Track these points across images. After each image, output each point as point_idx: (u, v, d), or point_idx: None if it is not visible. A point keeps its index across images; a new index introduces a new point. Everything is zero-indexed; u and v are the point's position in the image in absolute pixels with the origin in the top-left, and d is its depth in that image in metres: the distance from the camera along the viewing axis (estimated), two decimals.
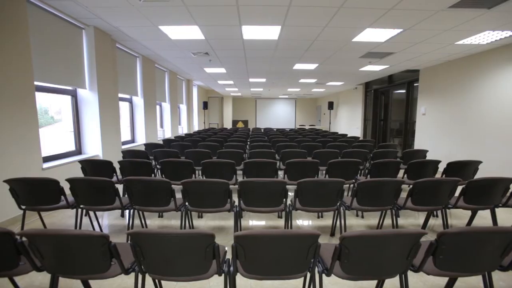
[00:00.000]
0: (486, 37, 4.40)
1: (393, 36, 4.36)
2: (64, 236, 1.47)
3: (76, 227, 2.88)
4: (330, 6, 3.28)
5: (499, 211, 3.02)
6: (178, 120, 10.72)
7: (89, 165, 3.67)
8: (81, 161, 3.65)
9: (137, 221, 3.16)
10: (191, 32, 4.36)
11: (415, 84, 7.64)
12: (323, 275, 1.63)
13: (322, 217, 3.64)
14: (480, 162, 3.66)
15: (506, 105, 4.80)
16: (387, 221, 3.19)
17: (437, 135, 6.54)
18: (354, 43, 4.79)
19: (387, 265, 1.54)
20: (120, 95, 6.24)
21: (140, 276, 1.62)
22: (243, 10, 3.46)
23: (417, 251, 1.51)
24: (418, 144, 7.25)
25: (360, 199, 2.67)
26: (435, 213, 3.63)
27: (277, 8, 3.38)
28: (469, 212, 3.23)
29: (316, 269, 1.63)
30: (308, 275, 1.67)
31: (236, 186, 2.72)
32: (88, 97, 5.03)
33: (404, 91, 8.19)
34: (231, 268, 1.61)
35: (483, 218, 3.55)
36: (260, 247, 1.48)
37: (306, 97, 17.17)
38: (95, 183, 2.65)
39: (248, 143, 6.13)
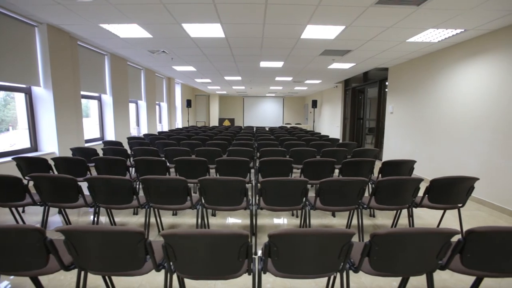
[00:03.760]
0: (434, 36, 4.33)
1: (340, 33, 4.31)
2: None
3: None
4: (253, 2, 3.25)
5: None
6: (158, 118, 10.74)
7: (24, 162, 3.70)
8: (15, 158, 3.67)
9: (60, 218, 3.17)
10: (135, 31, 4.35)
11: (386, 83, 7.55)
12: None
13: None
14: (414, 161, 3.62)
15: (457, 105, 4.73)
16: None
17: (403, 134, 6.47)
18: (304, 40, 4.74)
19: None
20: (85, 93, 6.27)
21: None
22: (171, 8, 3.44)
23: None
24: (386, 143, 7.19)
25: (265, 198, 2.65)
26: (365, 211, 3.59)
27: (203, 6, 3.36)
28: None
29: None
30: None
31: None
32: (43, 95, 5.06)
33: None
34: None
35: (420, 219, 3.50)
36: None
37: (293, 95, 17.08)
38: (1, 180, 2.67)
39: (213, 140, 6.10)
